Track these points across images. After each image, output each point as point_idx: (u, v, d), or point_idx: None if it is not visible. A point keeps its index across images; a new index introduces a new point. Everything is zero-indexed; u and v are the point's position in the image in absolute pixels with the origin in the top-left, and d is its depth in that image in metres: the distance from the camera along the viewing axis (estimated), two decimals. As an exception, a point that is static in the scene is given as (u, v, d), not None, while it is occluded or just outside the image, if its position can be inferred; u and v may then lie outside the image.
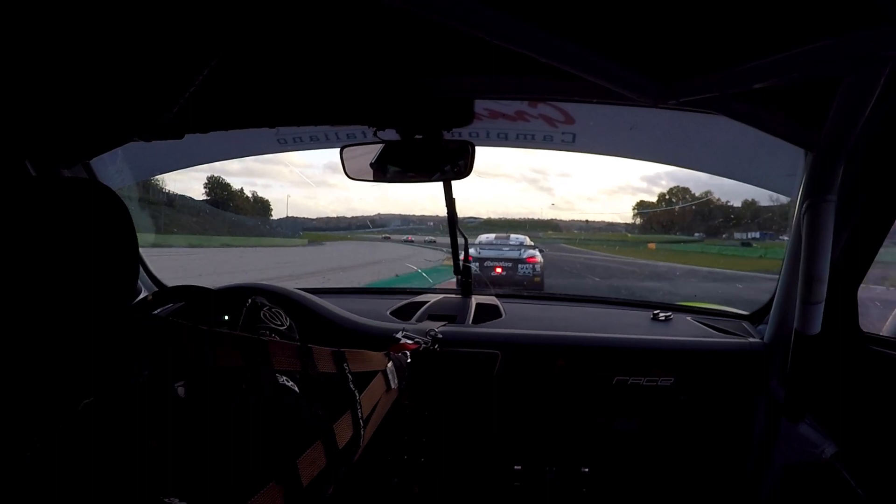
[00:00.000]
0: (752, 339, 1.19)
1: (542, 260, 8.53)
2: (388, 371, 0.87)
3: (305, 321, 1.20)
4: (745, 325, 1.30)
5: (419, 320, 1.33)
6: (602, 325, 1.31)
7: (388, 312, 1.37)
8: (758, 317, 1.31)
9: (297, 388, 0.62)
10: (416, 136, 1.09)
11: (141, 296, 1.30)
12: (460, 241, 1.52)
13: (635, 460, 1.20)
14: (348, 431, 0.67)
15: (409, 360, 0.98)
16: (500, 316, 1.36)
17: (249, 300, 0.74)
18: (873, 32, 0.56)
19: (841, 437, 1.03)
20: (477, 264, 8.21)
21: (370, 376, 0.82)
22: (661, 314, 1.37)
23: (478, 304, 1.42)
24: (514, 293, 1.71)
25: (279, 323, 0.73)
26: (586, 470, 1.20)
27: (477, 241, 9.63)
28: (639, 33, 0.66)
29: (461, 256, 1.54)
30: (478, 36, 0.61)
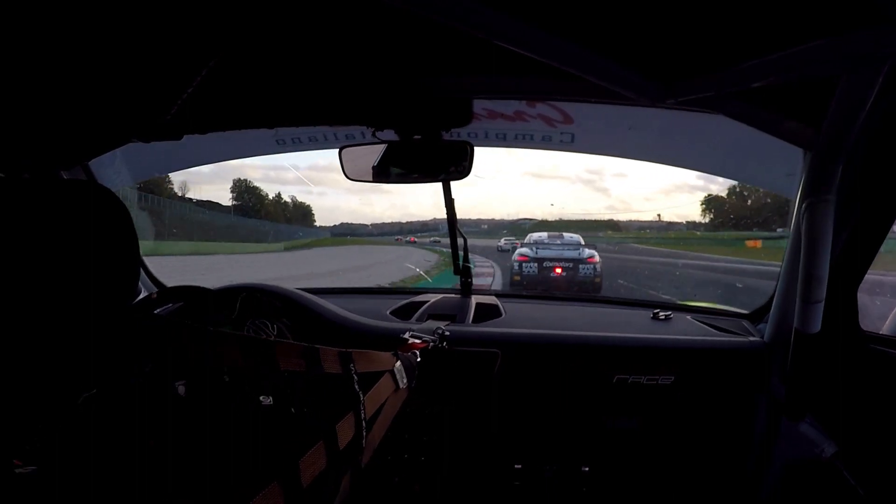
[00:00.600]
0: (752, 338, 1.19)
1: (600, 259, 8.27)
2: (397, 371, 0.87)
3: (307, 322, 1.20)
4: (745, 323, 1.31)
5: (419, 320, 1.33)
6: (602, 325, 1.31)
7: (388, 312, 1.37)
8: (758, 316, 1.31)
9: (270, 401, 0.62)
10: (415, 137, 1.09)
11: (141, 295, 1.30)
12: (459, 241, 1.52)
13: (635, 459, 1.20)
14: (350, 432, 0.67)
15: (419, 360, 0.98)
16: (500, 315, 1.36)
17: (240, 298, 0.73)
18: (872, 32, 0.56)
19: (841, 436, 1.03)
20: (535, 265, 7.95)
21: (377, 377, 0.81)
22: (661, 313, 1.37)
23: (478, 304, 1.42)
24: (514, 293, 1.71)
25: (265, 336, 0.72)
26: (586, 469, 1.20)
27: (531, 241, 9.17)
28: (638, 33, 0.66)
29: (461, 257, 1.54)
30: (477, 36, 0.61)
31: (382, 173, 1.18)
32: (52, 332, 0.43)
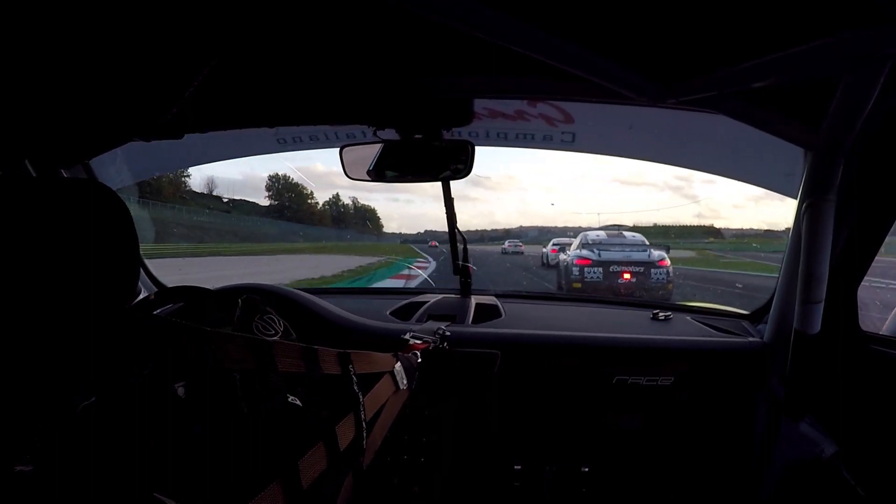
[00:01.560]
0: (751, 339, 1.19)
1: (670, 262, 7.11)
2: (397, 372, 0.87)
3: (307, 322, 1.20)
4: (745, 324, 1.31)
5: (419, 320, 1.33)
6: (602, 325, 1.31)
7: (387, 313, 1.37)
8: (757, 316, 1.31)
9: (300, 403, 0.62)
10: (416, 136, 1.09)
11: (141, 296, 1.31)
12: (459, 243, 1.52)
13: (635, 460, 1.20)
14: (350, 433, 0.66)
15: (419, 360, 0.98)
16: (500, 316, 1.37)
17: (241, 300, 0.73)
18: (872, 32, 0.56)
19: (841, 436, 1.03)
20: (600, 269, 6.89)
21: (377, 378, 0.81)
22: (661, 314, 1.37)
23: (477, 304, 1.42)
24: (514, 292, 1.71)
25: (272, 332, 0.72)
26: (586, 469, 1.20)
27: (588, 241, 7.76)
28: (638, 33, 0.66)
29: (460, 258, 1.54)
30: (477, 36, 0.61)
31: (383, 172, 1.18)
32: (51, 332, 0.43)
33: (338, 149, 1.20)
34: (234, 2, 0.60)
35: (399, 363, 0.89)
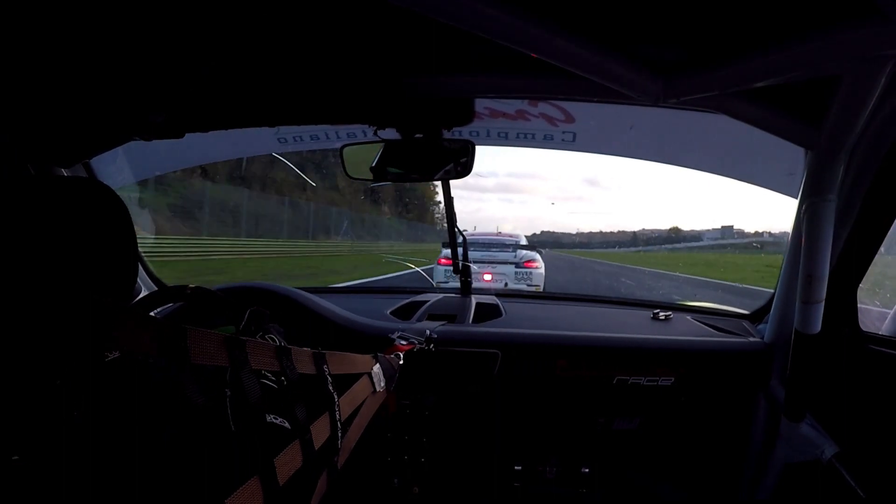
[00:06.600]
0: (752, 339, 1.19)
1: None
2: (374, 373, 0.87)
3: (304, 320, 1.20)
4: (746, 324, 1.30)
5: (419, 320, 1.33)
6: (602, 325, 1.31)
7: (388, 312, 1.37)
8: (758, 316, 1.31)
9: (287, 425, 0.61)
10: (417, 136, 1.09)
11: (141, 295, 1.31)
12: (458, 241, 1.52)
13: (635, 460, 1.20)
14: (325, 433, 0.67)
15: (401, 362, 0.97)
16: (501, 315, 1.36)
17: (249, 311, 0.73)
18: (875, 31, 0.56)
19: (841, 436, 1.03)
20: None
21: (355, 378, 0.81)
22: (662, 314, 1.37)
23: (478, 304, 1.42)
24: (514, 292, 1.71)
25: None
26: (586, 470, 1.20)
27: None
28: (639, 32, 0.66)
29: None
30: (478, 35, 0.61)
31: (384, 172, 1.18)
32: (51, 332, 0.43)
33: (338, 148, 1.20)
34: (233, 2, 0.60)
35: (378, 364, 0.88)
